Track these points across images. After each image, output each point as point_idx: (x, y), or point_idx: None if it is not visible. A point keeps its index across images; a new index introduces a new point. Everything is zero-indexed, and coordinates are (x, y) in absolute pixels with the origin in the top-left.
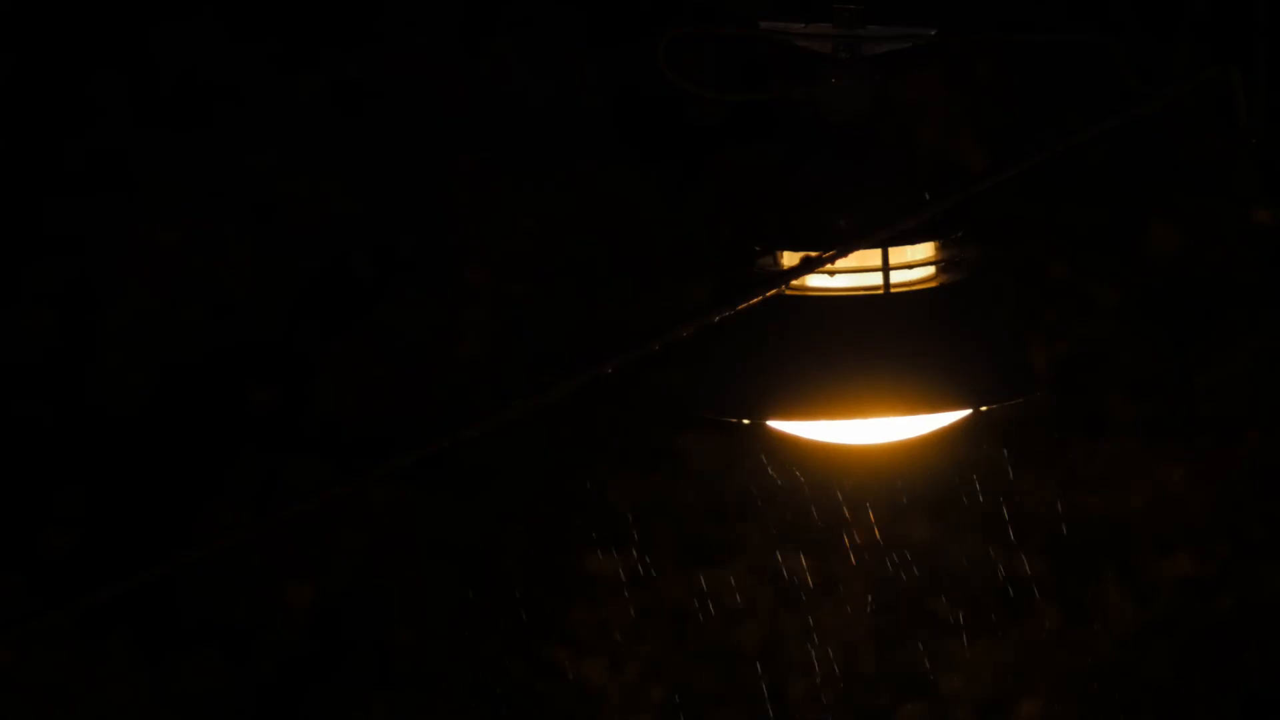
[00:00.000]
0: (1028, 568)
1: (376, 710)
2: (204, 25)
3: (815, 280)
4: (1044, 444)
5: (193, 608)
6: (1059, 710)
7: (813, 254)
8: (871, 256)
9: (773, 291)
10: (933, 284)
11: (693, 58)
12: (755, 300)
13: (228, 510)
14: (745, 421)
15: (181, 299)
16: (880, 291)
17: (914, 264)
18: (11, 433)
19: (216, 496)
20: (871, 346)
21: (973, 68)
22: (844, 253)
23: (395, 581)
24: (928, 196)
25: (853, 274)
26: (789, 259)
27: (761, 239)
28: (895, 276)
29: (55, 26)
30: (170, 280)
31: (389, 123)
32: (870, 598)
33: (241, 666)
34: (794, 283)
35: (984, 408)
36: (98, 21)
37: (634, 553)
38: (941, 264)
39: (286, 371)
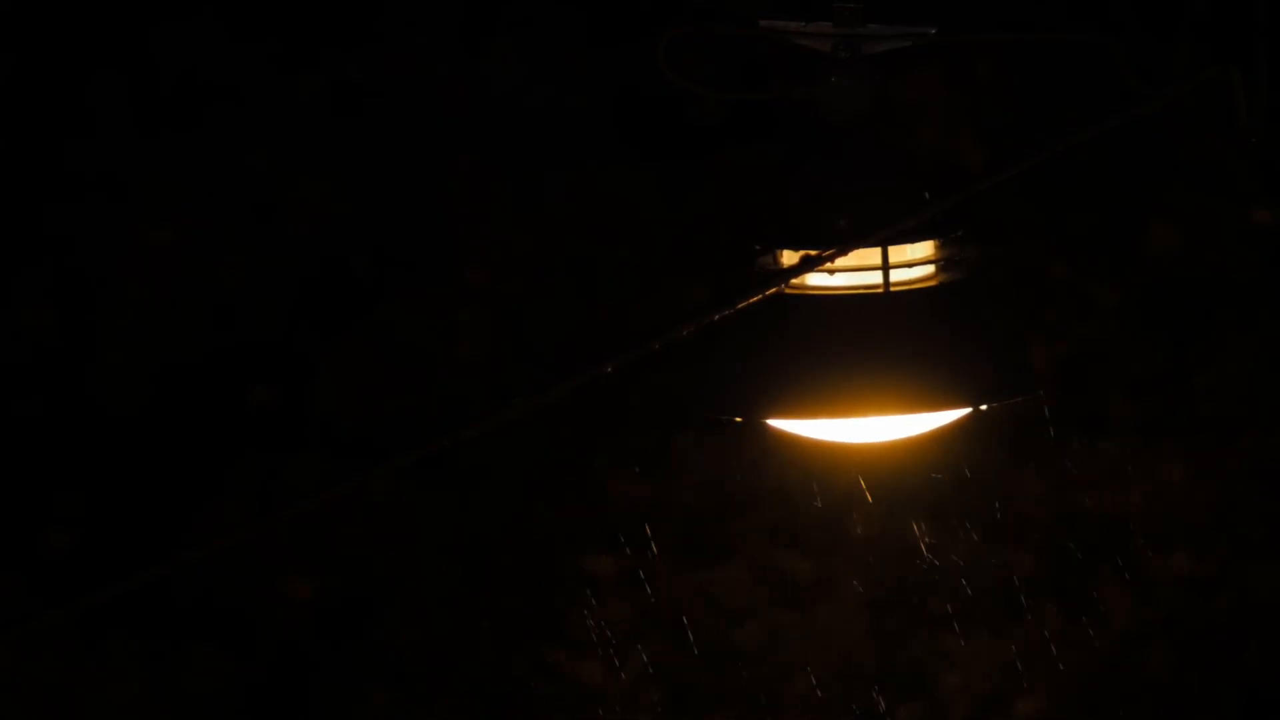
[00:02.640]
0: (1027, 566)
1: (376, 710)
2: (204, 25)
3: (815, 279)
4: (1043, 443)
5: (193, 607)
6: (1058, 709)
7: (812, 253)
8: (871, 255)
9: (772, 290)
10: (932, 283)
11: (693, 58)
12: (755, 299)
13: (228, 510)
14: (745, 420)
15: (181, 299)
16: (880, 290)
17: (914, 263)
18: (11, 433)
19: (216, 496)
20: (871, 345)
21: (973, 68)
22: (844, 251)
23: (395, 581)
24: (928, 196)
25: (852, 273)
26: (789, 258)
27: (761, 238)
28: (895, 275)
29: (55, 27)
30: (170, 280)
31: (389, 123)
32: (869, 597)
33: (241, 665)
34: (794, 281)
35: (983, 406)
36: (97, 22)
37: (634, 553)
38: (941, 263)
39: (286, 371)
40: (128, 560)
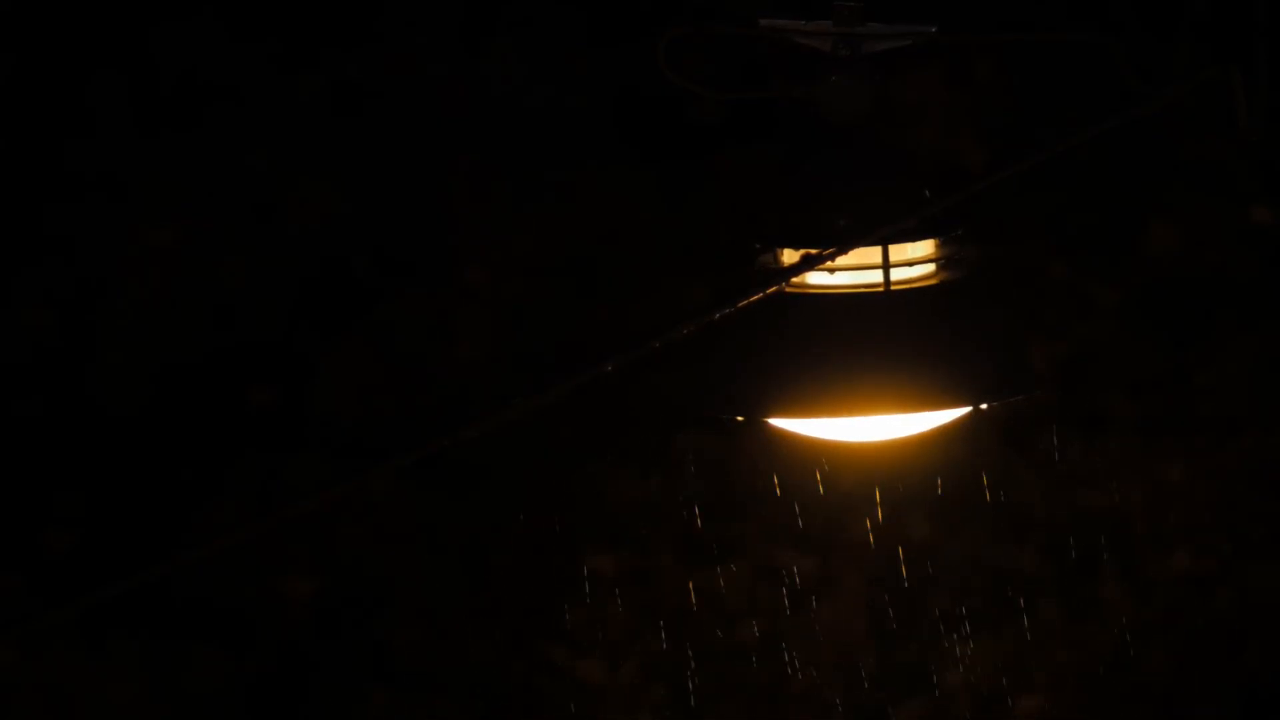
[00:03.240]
0: (1027, 565)
1: (375, 710)
2: (204, 25)
3: (815, 278)
4: (1043, 442)
5: (193, 607)
6: (1058, 706)
7: (813, 252)
8: (872, 254)
9: (773, 289)
10: (933, 282)
11: (693, 58)
12: (755, 299)
13: (228, 510)
14: (745, 420)
15: (181, 299)
16: (880, 289)
17: (914, 261)
18: (11, 433)
19: (216, 496)
20: (871, 344)
21: (973, 67)
22: (844, 250)
23: (395, 580)
24: (928, 195)
25: (853, 272)
26: (789, 257)
27: (762, 237)
28: (895, 274)
29: (55, 26)
30: (170, 280)
31: (389, 123)
32: (869, 595)
33: (241, 665)
34: (794, 281)
35: (983, 406)
36: (97, 22)
37: (634, 552)
38: (941, 262)
39: (286, 371)
40: (128, 560)
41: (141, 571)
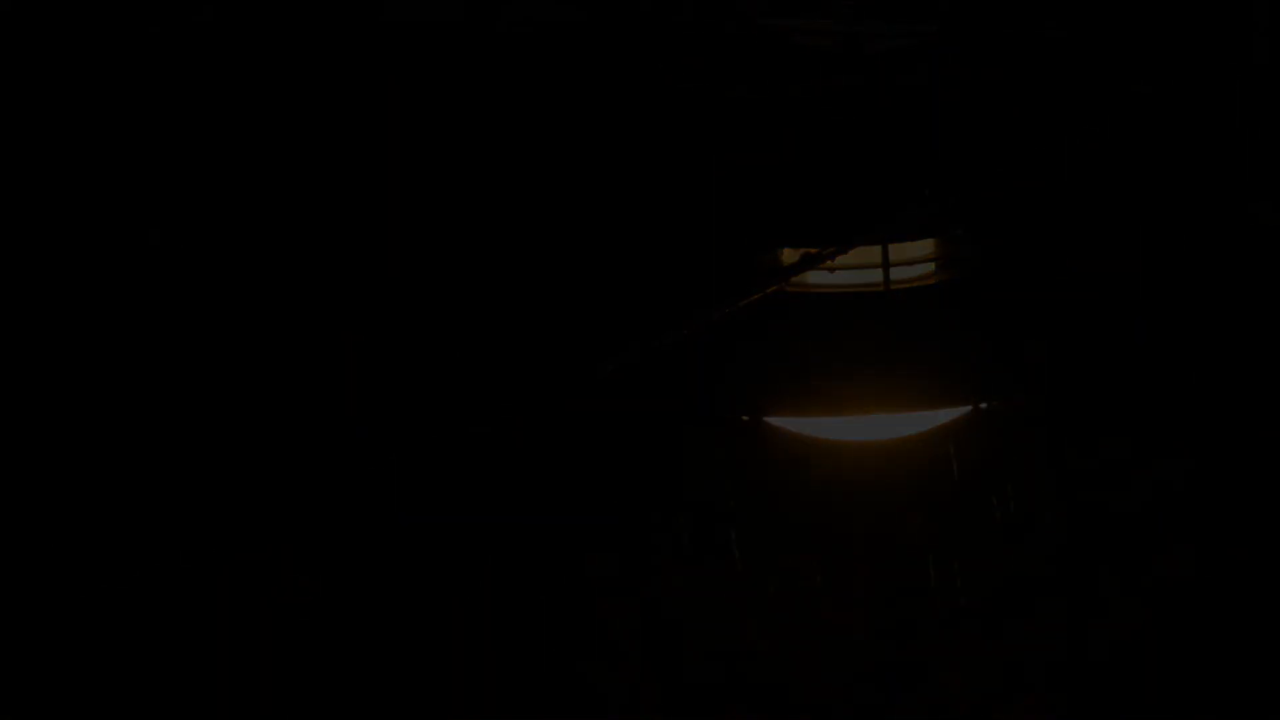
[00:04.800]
0: (1026, 564)
1: (377, 709)
2: (204, 23)
3: (815, 278)
4: (1043, 440)
5: (193, 606)
6: (1058, 708)
7: (813, 251)
8: (872, 253)
9: (773, 289)
10: (933, 281)
11: (693, 56)
12: (755, 298)
13: (231, 508)
14: (747, 419)
15: (181, 299)
16: (881, 289)
17: (914, 261)
18: (13, 433)
19: (217, 497)
20: (872, 343)
21: (973, 67)
22: (844, 250)
23: (395, 581)
24: (928, 194)
25: (853, 271)
26: (789, 257)
27: (762, 236)
28: (896, 273)
29: (52, 22)
30: (169, 280)
31: (388, 122)
32: (869, 596)
33: (241, 665)
34: (794, 280)
35: (983, 405)
36: (98, 17)
37: (635, 553)
38: (941, 262)
39: (288, 370)
40: (127, 560)
41: (142, 571)
